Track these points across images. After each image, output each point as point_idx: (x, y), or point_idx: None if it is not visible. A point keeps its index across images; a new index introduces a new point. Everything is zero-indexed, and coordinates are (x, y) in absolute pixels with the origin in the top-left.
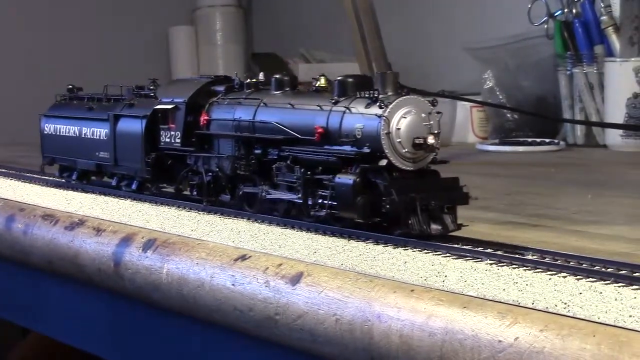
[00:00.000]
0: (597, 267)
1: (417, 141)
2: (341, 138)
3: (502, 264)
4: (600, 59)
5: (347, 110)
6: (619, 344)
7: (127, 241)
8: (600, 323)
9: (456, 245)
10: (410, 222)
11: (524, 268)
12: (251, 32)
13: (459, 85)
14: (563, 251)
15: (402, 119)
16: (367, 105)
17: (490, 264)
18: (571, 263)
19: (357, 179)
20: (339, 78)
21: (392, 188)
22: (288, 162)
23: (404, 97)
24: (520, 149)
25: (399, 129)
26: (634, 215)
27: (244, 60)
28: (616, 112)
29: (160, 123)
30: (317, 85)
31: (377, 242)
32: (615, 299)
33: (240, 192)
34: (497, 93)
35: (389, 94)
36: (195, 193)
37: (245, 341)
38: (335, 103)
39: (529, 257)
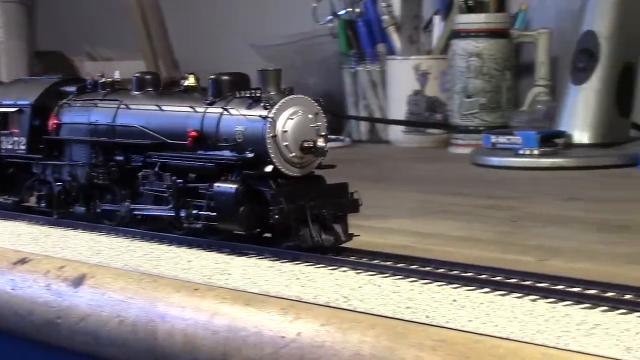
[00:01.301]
0: (376, 261)
1: (305, 144)
2: (219, 142)
3: (284, 261)
4: (383, 57)
5: (225, 112)
6: (397, 335)
7: None
8: (379, 315)
9: (240, 243)
10: (301, 233)
11: (306, 264)
12: (34, 29)
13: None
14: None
15: (289, 121)
16: (249, 106)
17: (273, 261)
18: (352, 257)
19: (240, 187)
20: (212, 77)
21: (280, 196)
22: (156, 169)
23: (290, 97)
24: None
25: (285, 131)
26: (415, 209)
27: (28, 58)
28: (398, 108)
29: (0, 128)
30: (185, 84)
31: (161, 242)
32: (394, 292)
33: (99, 210)
34: None
35: (272, 93)
36: (43, 205)
37: (27, 345)
38: (211, 104)
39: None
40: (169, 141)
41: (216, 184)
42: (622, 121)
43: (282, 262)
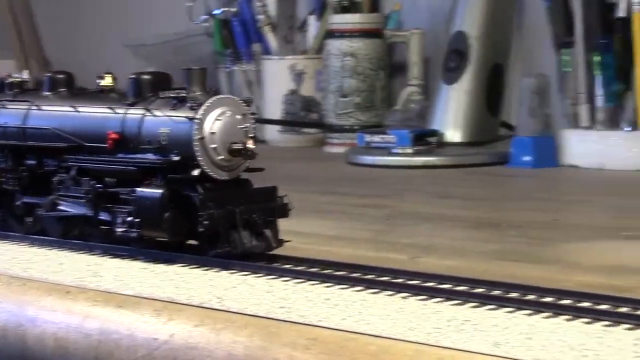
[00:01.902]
0: (250, 261)
1: (234, 147)
2: (142, 145)
3: (158, 262)
4: (258, 57)
5: (148, 113)
6: (270, 335)
7: None
8: (252, 315)
9: (112, 245)
10: (232, 239)
11: (180, 265)
12: None
13: (121, 83)
14: None
15: (217, 122)
16: (174, 107)
17: (147, 262)
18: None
19: (165, 192)
20: (132, 76)
21: (209, 201)
22: (72, 173)
23: (218, 97)
24: None
25: (213, 133)
26: (295, 209)
27: None
28: (274, 108)
29: None
30: (100, 84)
31: (32, 244)
32: (267, 292)
33: (18, 203)
34: None
35: (197, 93)
36: None
37: None
38: (132, 105)
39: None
40: (87, 144)
41: (140, 189)
42: (491, 120)
43: (155, 264)
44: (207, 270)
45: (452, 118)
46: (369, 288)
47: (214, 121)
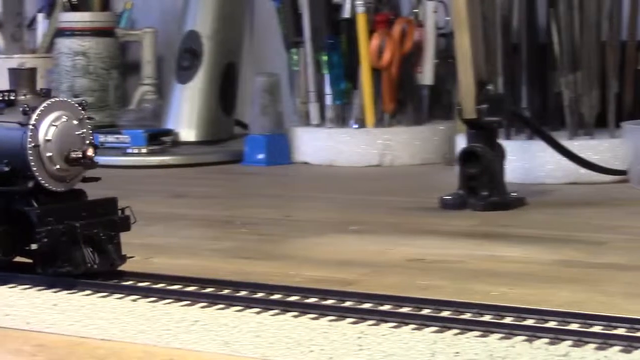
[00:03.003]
0: None
1: (73, 155)
2: None
3: None
4: None
5: None
6: None
7: None
8: None
9: None
10: (73, 258)
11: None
12: None
13: None
14: None
15: (52, 128)
16: (2, 111)
17: None
18: None
19: None
20: None
21: (47, 216)
22: None
23: (52, 100)
24: None
25: (48, 140)
26: None
27: None
28: None
29: None
30: None
31: None
32: None
33: None
34: None
35: (28, 96)
36: None
37: None
38: None
39: None
40: None
41: None
42: (226, 119)
43: None
44: None
45: (186, 117)
46: (97, 292)
47: (49, 127)
